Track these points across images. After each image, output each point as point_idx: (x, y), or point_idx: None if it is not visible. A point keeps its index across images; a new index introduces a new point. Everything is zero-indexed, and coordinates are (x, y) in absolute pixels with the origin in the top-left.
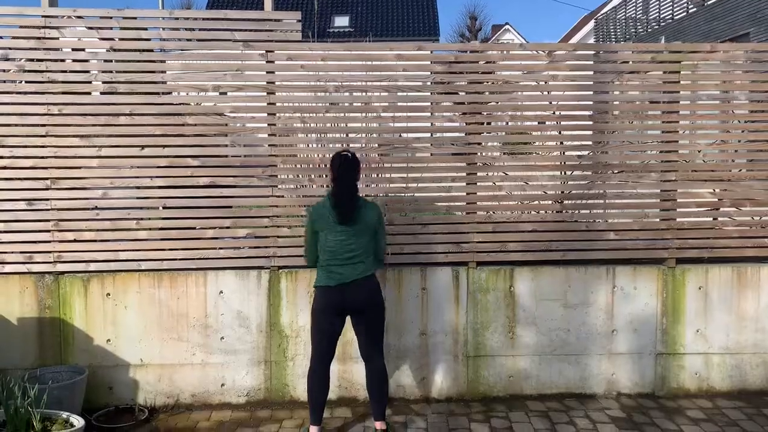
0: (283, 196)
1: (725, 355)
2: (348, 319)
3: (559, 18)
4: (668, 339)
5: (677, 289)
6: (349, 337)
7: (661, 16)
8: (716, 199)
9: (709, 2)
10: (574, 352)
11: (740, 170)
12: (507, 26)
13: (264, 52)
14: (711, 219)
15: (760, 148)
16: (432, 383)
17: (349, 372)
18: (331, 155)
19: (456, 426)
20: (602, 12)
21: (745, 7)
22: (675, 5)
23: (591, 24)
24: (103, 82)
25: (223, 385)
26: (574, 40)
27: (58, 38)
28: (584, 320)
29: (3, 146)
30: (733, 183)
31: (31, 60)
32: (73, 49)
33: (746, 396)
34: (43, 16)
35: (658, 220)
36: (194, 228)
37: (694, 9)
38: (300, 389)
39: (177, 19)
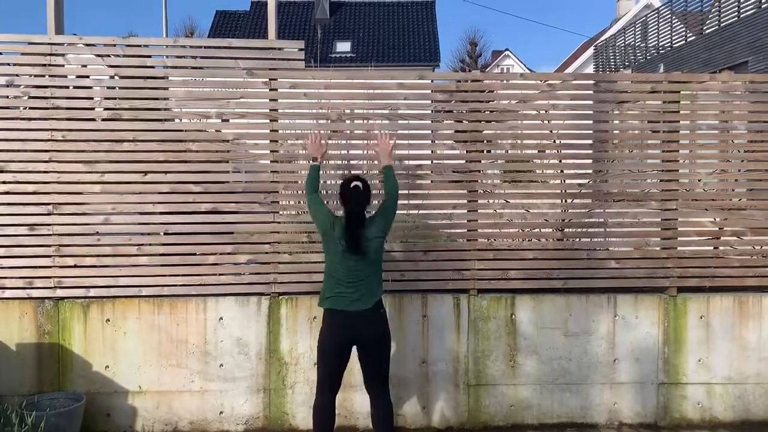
0: (284, 223)
1: (728, 385)
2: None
3: (559, 44)
4: (670, 368)
5: (679, 318)
6: (349, 365)
7: (660, 44)
8: (717, 228)
9: (707, 31)
10: (575, 381)
11: (740, 199)
12: (507, 52)
13: (267, 80)
14: (712, 248)
15: (760, 177)
16: (432, 412)
17: (349, 400)
18: (340, 182)
19: None
20: (602, 39)
21: (744, 36)
22: (674, 33)
23: (590, 50)
24: (107, 109)
25: (221, 412)
26: (574, 66)
27: (63, 65)
28: (586, 349)
29: (6, 171)
30: (734, 212)
31: (37, 86)
32: (77, 76)
33: (749, 427)
34: (49, 44)
35: (659, 248)
36: (195, 254)
37: (693, 37)
38: (299, 418)
39: (182, 47)
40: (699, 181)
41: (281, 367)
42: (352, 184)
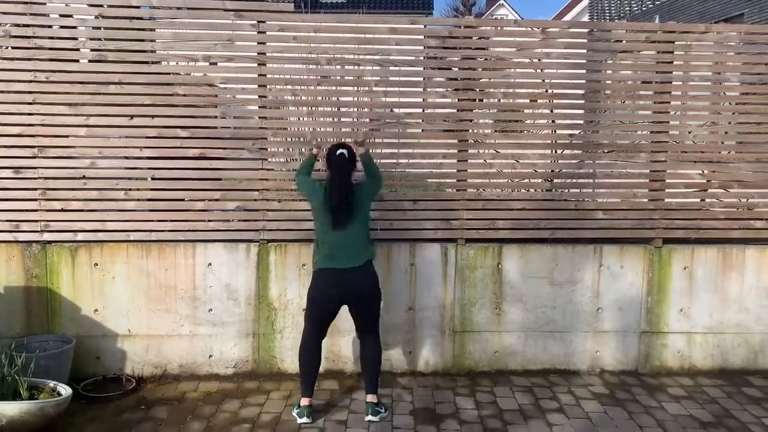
0: (273, 170)
1: (708, 335)
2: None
3: None
4: (652, 318)
5: (663, 269)
6: None
7: None
8: (705, 181)
9: None
10: (559, 329)
11: (729, 152)
12: (501, 1)
13: (255, 22)
14: (699, 200)
15: (750, 130)
16: (419, 357)
17: (336, 345)
18: (327, 148)
19: (441, 399)
20: None
21: None
22: None
23: (586, 1)
24: (92, 50)
25: (210, 356)
26: (569, 16)
27: (45, 3)
28: (570, 298)
29: None
30: (722, 164)
31: (18, 25)
32: (61, 15)
33: (727, 375)
34: None
35: (646, 200)
36: (183, 200)
37: None
38: (287, 361)
39: None
40: (689, 133)
41: (270, 312)
42: (338, 152)
